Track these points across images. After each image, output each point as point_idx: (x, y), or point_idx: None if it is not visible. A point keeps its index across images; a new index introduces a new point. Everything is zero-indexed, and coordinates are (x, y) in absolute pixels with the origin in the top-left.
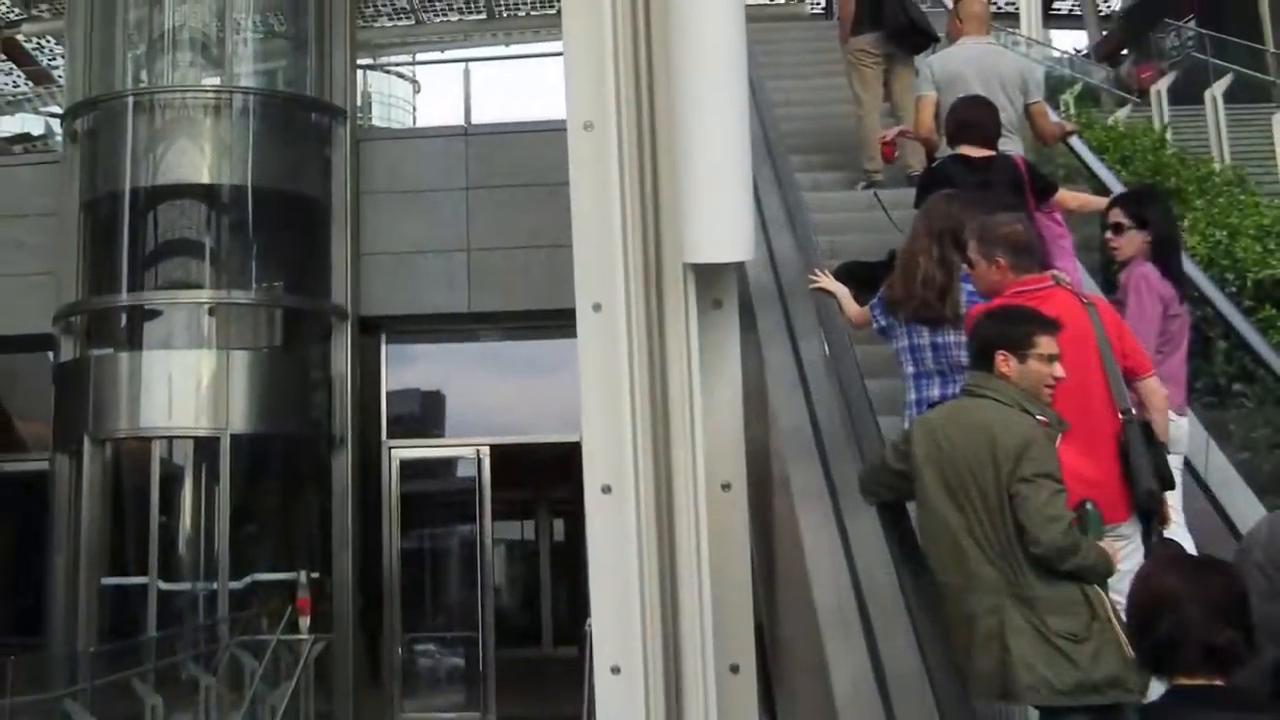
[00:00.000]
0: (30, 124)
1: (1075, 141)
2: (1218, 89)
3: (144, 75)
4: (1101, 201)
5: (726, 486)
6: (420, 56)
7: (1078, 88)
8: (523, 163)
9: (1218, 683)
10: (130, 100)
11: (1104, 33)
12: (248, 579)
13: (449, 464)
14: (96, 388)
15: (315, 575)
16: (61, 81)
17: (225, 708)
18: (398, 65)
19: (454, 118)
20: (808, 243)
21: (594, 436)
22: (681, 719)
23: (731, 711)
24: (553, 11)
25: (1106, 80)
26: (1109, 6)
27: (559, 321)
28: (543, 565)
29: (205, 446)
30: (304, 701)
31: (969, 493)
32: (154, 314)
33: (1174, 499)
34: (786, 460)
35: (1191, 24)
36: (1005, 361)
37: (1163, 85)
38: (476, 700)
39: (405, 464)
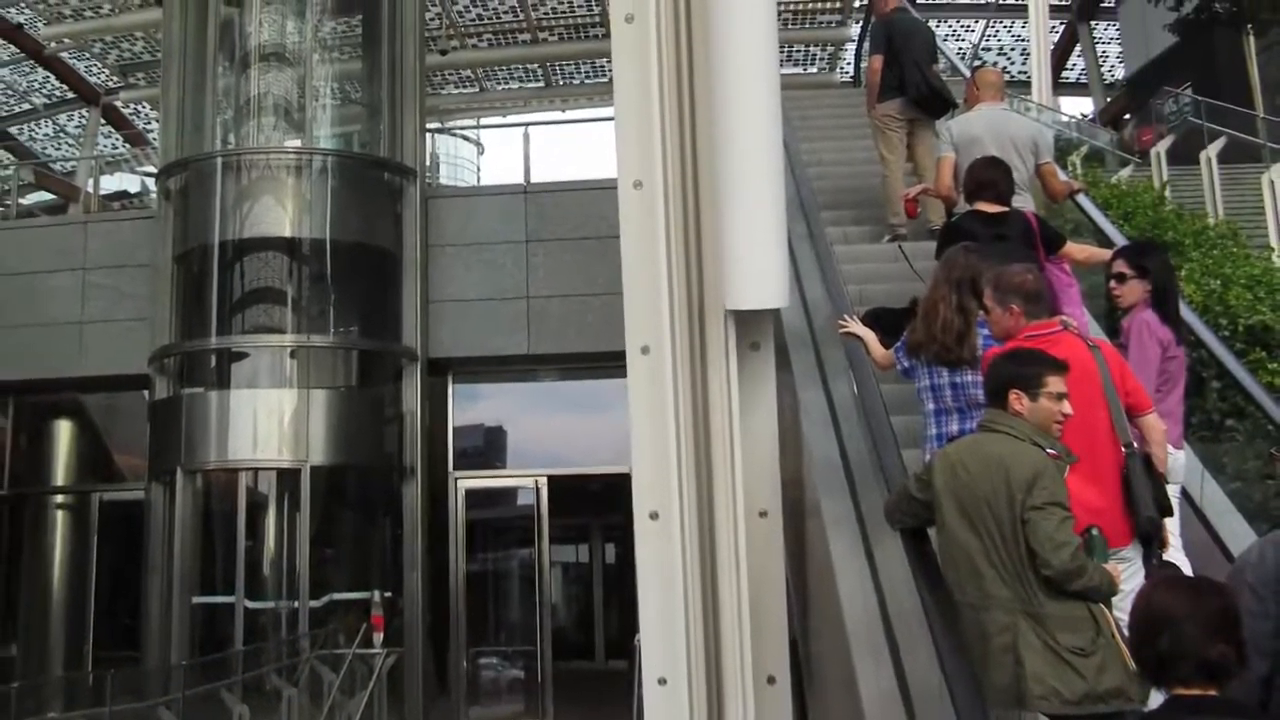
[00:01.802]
0: (128, 183)
1: (1082, 199)
2: (1212, 150)
3: (231, 138)
4: (1106, 253)
5: (763, 514)
6: (484, 121)
7: (1084, 149)
8: (578, 218)
9: (1212, 693)
10: (219, 161)
11: (1108, 99)
12: (326, 598)
13: (510, 493)
14: (188, 423)
15: (388, 594)
16: (156, 143)
17: (306, 716)
18: (463, 129)
19: (515, 177)
20: (837, 291)
21: (642, 468)
22: None
23: None
24: (605, 80)
25: (1110, 143)
26: (1113, 75)
27: (611, 363)
28: (596, 585)
29: (287, 477)
30: (378, 710)
31: (985, 520)
32: (240, 356)
33: (1172, 525)
34: (818, 489)
35: (1188, 91)
36: (1018, 399)
37: (1162, 147)
38: (535, 708)
39: (470, 493)
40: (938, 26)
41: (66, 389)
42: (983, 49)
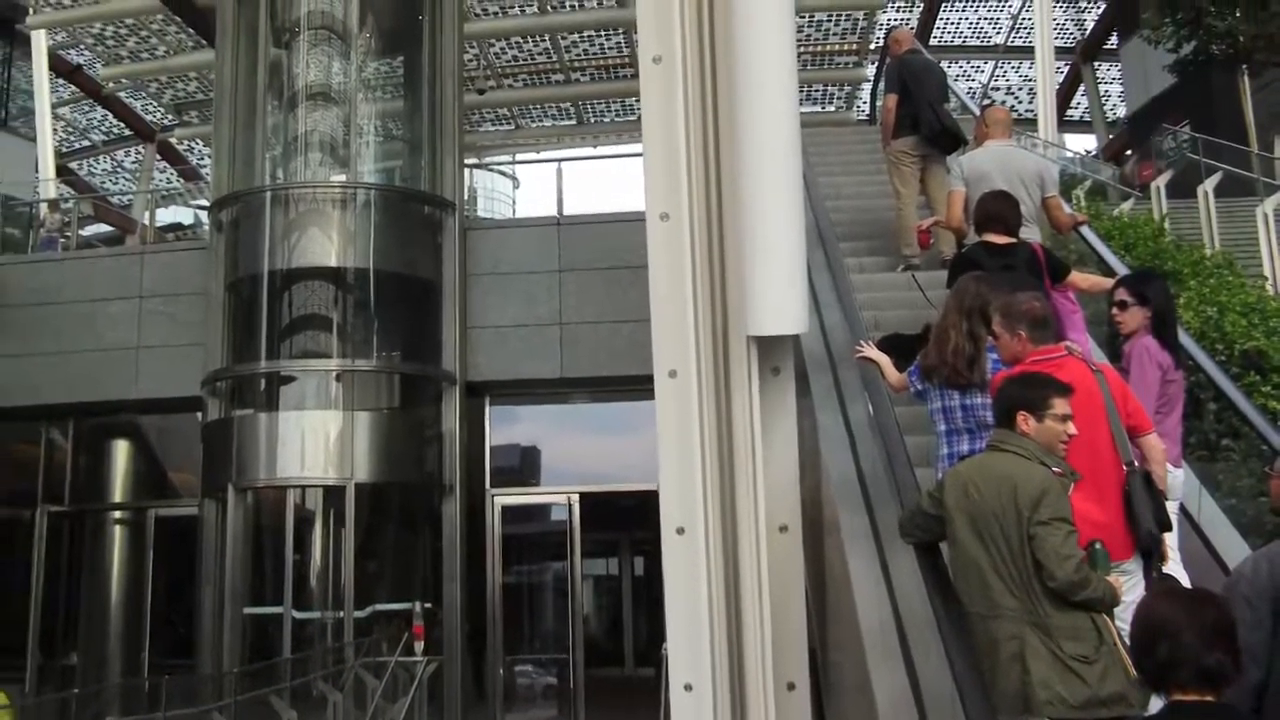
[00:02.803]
0: (182, 215)
1: (1086, 230)
2: (1209, 185)
3: (280, 173)
4: (1108, 282)
5: (784, 529)
6: (519, 156)
7: (1088, 184)
8: (608, 248)
9: (1209, 698)
10: (268, 195)
11: (1110, 136)
12: (370, 609)
13: (544, 509)
14: (239, 443)
15: (428, 605)
16: (209, 178)
17: None
18: (499, 164)
19: (548, 209)
20: (854, 317)
21: (669, 485)
22: None
23: None
24: (634, 118)
25: (1112, 177)
26: (1115, 113)
27: (639, 386)
28: (625, 596)
29: (333, 494)
30: (419, 715)
31: (994, 534)
32: (289, 379)
33: (1171, 539)
34: (836, 506)
35: (1186, 128)
36: (1025, 420)
37: (1161, 181)
38: (568, 714)
39: (506, 509)
40: (949, 67)
41: (124, 411)
42: (992, 88)
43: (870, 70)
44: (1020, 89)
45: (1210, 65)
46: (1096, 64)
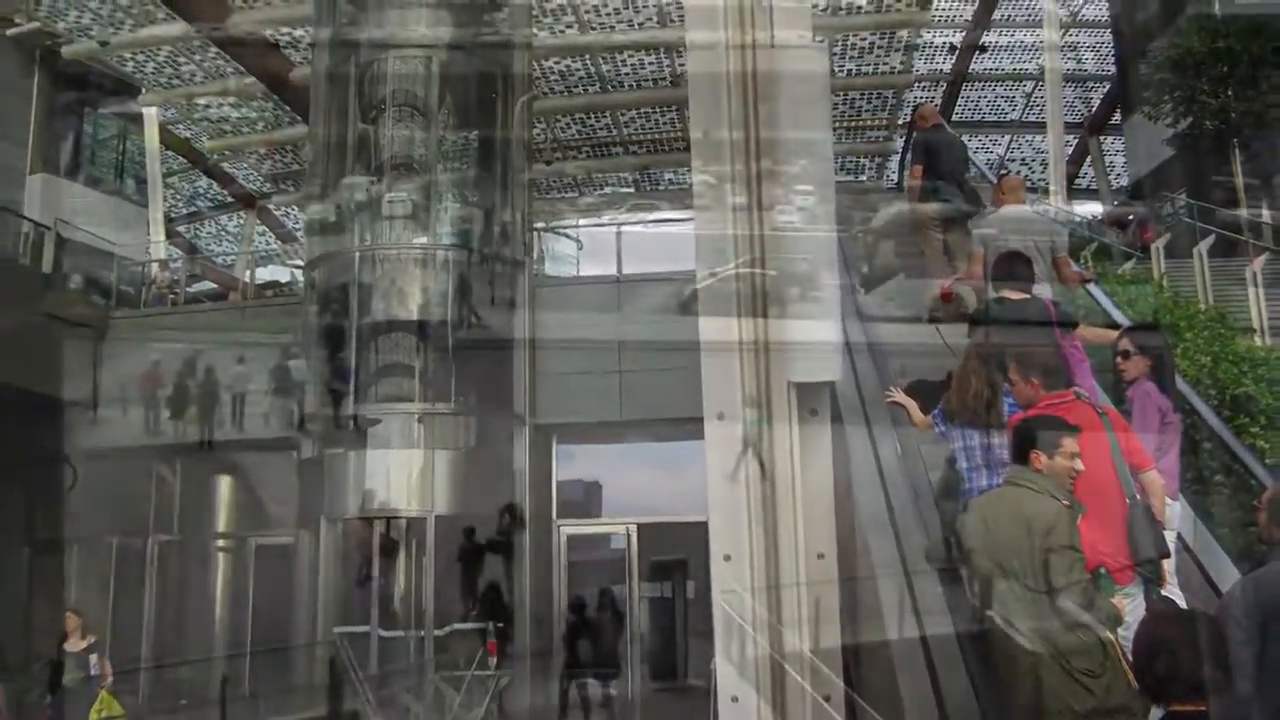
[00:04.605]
0: (279, 274)
1: (1092, 287)
2: (1203, 246)
3: (367, 236)
4: (1112, 334)
5: (821, 555)
6: (582, 221)
7: (1094, 245)
8: (662, 304)
9: (1203, 709)
10: (356, 255)
11: (1115, 202)
12: (448, 628)
13: (605, 538)
14: (331, 479)
15: (501, 625)
16: (303, 240)
17: None
18: (565, 228)
19: (608, 269)
20: (883, 365)
21: (718, 516)
22: None
23: None
24: (686, 186)
25: (1116, 239)
26: (1119, 182)
27: (691, 427)
28: (678, 616)
29: (415, 525)
30: None
31: (1009, 560)
32: (375, 421)
33: (1169, 565)
34: (867, 534)
35: (1183, 195)
36: (1038, 458)
37: (1160, 243)
38: None
39: (571, 538)
40: (969, 140)
41: (228, 449)
42: (1008, 160)
43: (899, 143)
44: (1033, 160)
45: (1204, 138)
46: (1102, 137)
